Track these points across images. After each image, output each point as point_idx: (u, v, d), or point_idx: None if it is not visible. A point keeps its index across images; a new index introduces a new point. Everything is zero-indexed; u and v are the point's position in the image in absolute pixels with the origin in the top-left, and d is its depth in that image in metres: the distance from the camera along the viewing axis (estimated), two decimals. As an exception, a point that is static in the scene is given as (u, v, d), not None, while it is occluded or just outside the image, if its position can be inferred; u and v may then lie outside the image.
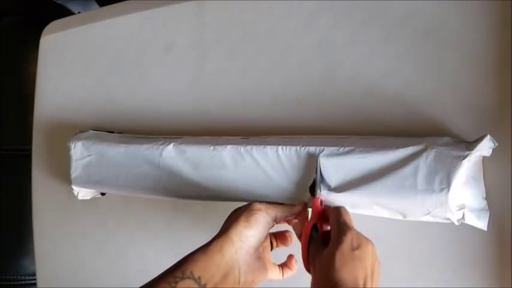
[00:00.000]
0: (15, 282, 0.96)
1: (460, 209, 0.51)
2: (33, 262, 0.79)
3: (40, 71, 0.80)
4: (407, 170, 0.51)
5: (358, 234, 0.49)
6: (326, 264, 0.47)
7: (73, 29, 0.79)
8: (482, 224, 0.52)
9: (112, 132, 0.73)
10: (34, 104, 0.80)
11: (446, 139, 0.53)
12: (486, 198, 0.53)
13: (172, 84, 0.70)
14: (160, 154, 0.63)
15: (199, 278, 0.45)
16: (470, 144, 0.51)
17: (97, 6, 1.12)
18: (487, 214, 0.52)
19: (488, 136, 0.50)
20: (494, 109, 0.54)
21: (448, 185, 0.50)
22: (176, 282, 0.44)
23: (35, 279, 0.81)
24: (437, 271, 0.56)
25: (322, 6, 0.62)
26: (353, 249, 0.47)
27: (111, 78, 0.75)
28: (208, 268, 0.46)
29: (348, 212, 0.52)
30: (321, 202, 0.53)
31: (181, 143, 0.63)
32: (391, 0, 0.59)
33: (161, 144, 0.64)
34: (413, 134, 0.57)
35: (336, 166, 0.54)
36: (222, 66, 0.68)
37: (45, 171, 0.78)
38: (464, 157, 0.49)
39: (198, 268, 0.46)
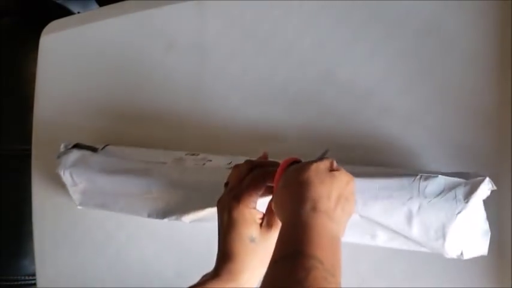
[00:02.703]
0: (15, 282, 0.96)
1: (458, 249, 0.49)
2: (33, 262, 0.79)
3: (40, 71, 0.80)
4: (400, 218, 0.49)
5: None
6: (300, 172, 0.44)
7: (73, 29, 0.79)
8: (482, 251, 0.50)
9: (96, 149, 0.69)
10: (34, 104, 0.80)
11: (438, 180, 0.48)
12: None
13: (172, 84, 0.70)
14: (150, 182, 0.61)
15: None
16: (466, 190, 0.47)
17: (97, 6, 1.12)
18: (488, 237, 0.49)
19: (487, 179, 0.47)
20: (494, 109, 0.54)
21: (444, 236, 0.48)
22: None
23: (35, 279, 0.81)
24: (438, 271, 0.56)
25: (322, 6, 0.62)
26: (332, 170, 0.44)
27: (110, 78, 0.75)
28: None
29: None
30: None
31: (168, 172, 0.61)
32: (391, 0, 0.59)
33: (150, 173, 0.62)
34: (413, 132, 0.57)
35: None
36: (222, 66, 0.68)
37: (45, 171, 0.78)
38: (460, 211, 0.47)
39: None
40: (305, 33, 0.63)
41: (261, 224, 0.48)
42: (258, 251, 0.48)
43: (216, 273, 0.48)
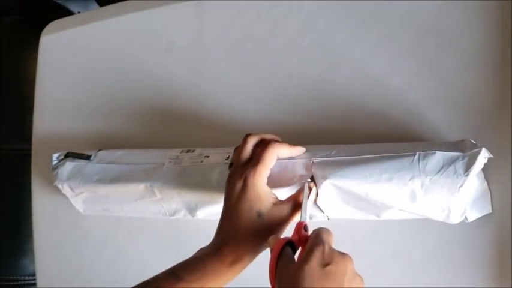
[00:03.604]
0: (15, 282, 0.96)
1: (462, 215, 0.51)
2: (33, 262, 0.79)
3: (40, 71, 0.80)
4: (404, 198, 0.50)
5: (332, 249, 0.43)
6: (292, 281, 0.41)
7: (73, 29, 0.79)
8: (487, 210, 0.53)
9: (89, 156, 0.67)
10: (34, 104, 0.80)
11: (437, 156, 0.49)
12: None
13: (172, 84, 0.70)
14: (151, 185, 0.61)
15: None
16: (465, 163, 0.48)
17: (97, 6, 1.12)
18: (488, 195, 0.52)
19: (484, 149, 0.48)
20: (494, 109, 0.54)
21: (449, 208, 0.50)
22: None
23: (34, 279, 0.81)
24: (437, 271, 0.56)
25: (322, 7, 0.62)
26: (324, 264, 0.41)
27: (110, 78, 0.75)
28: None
29: (329, 231, 0.45)
30: (305, 227, 0.47)
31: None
32: (391, 0, 0.59)
33: (149, 176, 0.61)
34: (413, 132, 0.57)
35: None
36: (222, 66, 0.68)
37: (45, 171, 0.78)
38: (462, 185, 0.48)
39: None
40: (305, 33, 0.63)
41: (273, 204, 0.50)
42: (261, 228, 0.49)
43: (216, 244, 0.50)
